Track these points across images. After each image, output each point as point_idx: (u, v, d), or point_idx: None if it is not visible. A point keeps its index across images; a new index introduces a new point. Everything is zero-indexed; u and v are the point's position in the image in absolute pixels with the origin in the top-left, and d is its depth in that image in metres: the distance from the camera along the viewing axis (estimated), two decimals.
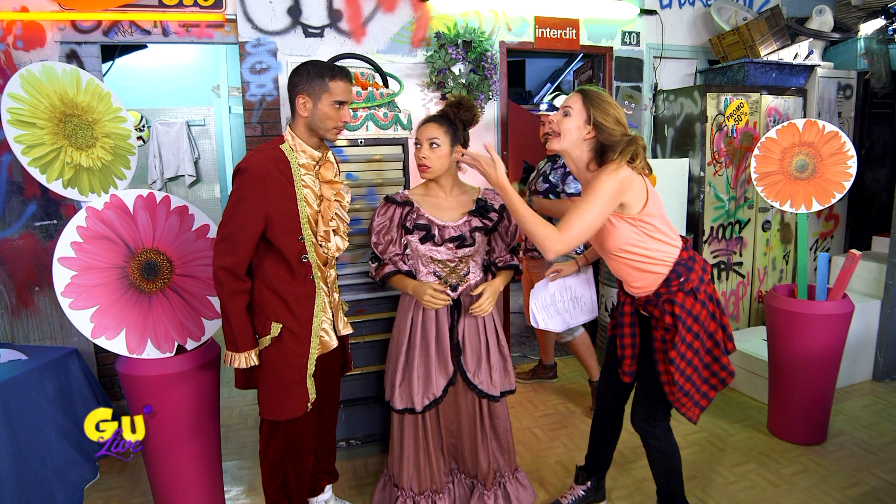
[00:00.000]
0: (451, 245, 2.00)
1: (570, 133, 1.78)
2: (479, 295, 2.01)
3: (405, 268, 2.06)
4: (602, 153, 1.78)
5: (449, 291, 2.03)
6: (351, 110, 2.54)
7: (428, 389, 2.03)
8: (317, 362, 1.94)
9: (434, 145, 1.97)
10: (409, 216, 2.02)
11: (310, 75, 1.79)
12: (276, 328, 1.83)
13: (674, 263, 1.80)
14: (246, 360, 1.81)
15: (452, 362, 2.04)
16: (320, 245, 1.90)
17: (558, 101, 2.78)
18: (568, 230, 1.67)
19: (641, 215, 1.75)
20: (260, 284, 1.85)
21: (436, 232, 2.00)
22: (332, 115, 1.82)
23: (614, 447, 2.22)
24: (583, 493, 2.24)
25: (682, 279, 1.79)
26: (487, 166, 1.75)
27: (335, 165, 1.97)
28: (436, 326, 2.04)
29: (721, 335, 1.85)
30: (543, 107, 3.03)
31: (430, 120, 2.02)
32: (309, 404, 1.90)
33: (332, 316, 2.01)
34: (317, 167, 1.89)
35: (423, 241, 2.00)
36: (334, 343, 1.98)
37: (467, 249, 2.03)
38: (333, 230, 1.95)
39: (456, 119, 2.01)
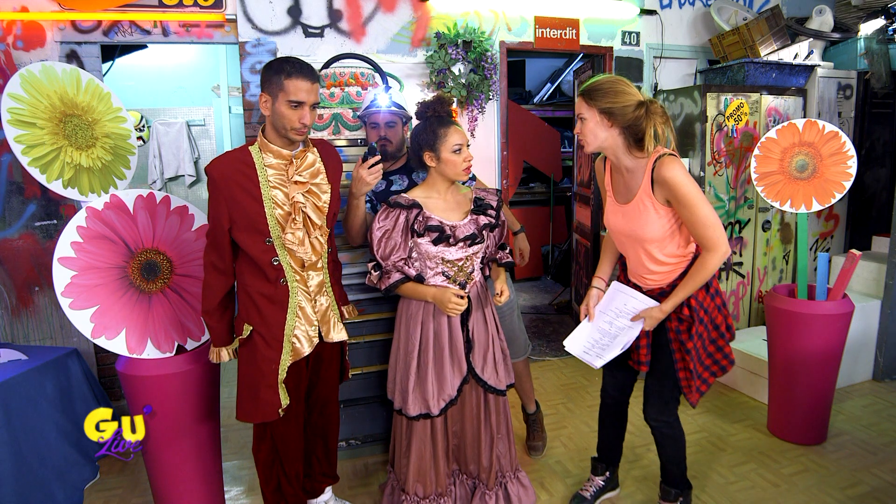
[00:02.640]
0: (463, 244, 2.01)
1: (594, 133, 1.79)
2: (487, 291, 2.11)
3: (414, 273, 2.02)
4: (631, 133, 1.80)
5: (458, 290, 2.03)
6: (351, 110, 2.54)
7: (443, 391, 2.02)
8: (315, 368, 1.93)
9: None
10: (417, 219, 1.99)
11: (270, 72, 1.73)
12: (246, 330, 1.83)
13: (692, 256, 1.87)
14: (217, 354, 1.89)
15: (465, 360, 2.05)
16: (292, 248, 1.84)
17: (397, 96, 2.30)
18: (715, 239, 1.73)
19: None
20: (238, 285, 1.86)
21: (449, 232, 1.99)
22: (288, 116, 1.72)
23: (623, 437, 2.29)
24: (602, 483, 2.29)
25: None
26: (650, 320, 1.87)
27: (315, 165, 1.87)
28: (448, 326, 2.04)
29: (725, 325, 1.94)
30: (384, 101, 2.30)
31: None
32: (280, 410, 1.85)
33: (318, 322, 1.92)
34: (287, 167, 1.82)
35: (435, 242, 1.98)
36: (306, 350, 1.89)
37: (477, 247, 2.05)
38: (307, 233, 1.85)
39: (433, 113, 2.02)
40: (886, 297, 3.26)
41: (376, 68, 2.65)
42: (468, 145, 2.03)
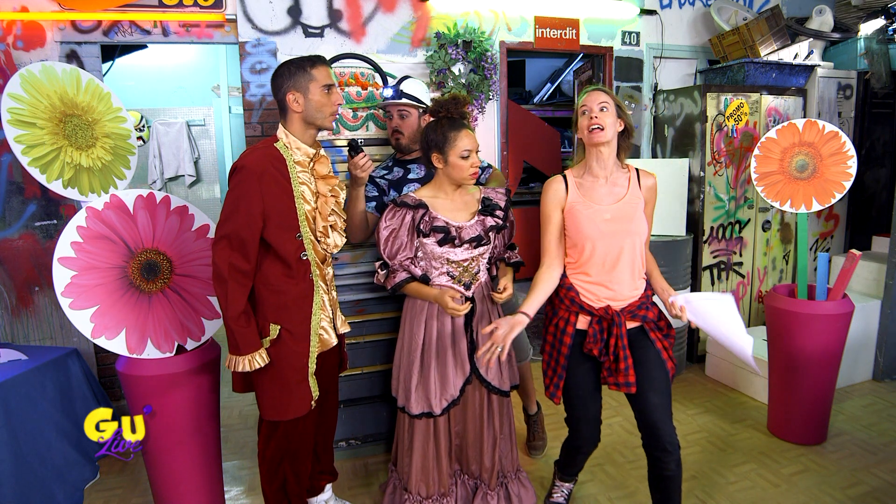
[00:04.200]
0: (468, 245, 2.00)
1: (611, 127, 1.85)
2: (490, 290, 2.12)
3: (420, 273, 2.03)
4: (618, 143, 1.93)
5: (462, 290, 2.03)
6: (351, 110, 2.55)
7: (445, 391, 2.03)
8: (317, 360, 1.93)
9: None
10: (423, 219, 1.98)
11: (291, 71, 1.80)
12: (274, 330, 1.82)
13: None
14: (249, 362, 1.77)
15: (468, 361, 2.05)
16: (319, 242, 1.91)
17: (408, 87, 2.27)
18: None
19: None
20: (258, 285, 1.84)
21: (455, 233, 1.98)
22: (326, 102, 1.83)
23: None
24: (572, 486, 2.29)
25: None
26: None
27: (329, 161, 1.97)
28: (452, 326, 2.04)
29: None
30: (388, 92, 2.30)
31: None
32: (312, 402, 1.89)
33: (332, 314, 2.01)
34: (312, 163, 1.89)
35: (441, 243, 1.98)
36: (334, 341, 1.98)
37: (483, 248, 2.04)
38: (331, 226, 1.95)
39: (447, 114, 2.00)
40: (886, 297, 3.26)
41: (376, 68, 2.65)
42: (478, 151, 1.99)
